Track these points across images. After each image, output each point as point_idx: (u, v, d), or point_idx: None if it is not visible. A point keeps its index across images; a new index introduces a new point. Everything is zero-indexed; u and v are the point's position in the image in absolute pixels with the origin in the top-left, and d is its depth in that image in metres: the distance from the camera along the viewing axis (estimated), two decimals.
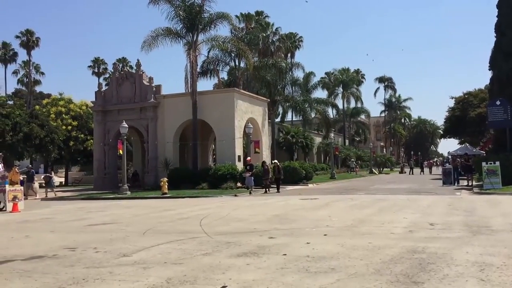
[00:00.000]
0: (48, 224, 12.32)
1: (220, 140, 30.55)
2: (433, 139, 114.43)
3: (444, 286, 4.86)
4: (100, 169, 32.87)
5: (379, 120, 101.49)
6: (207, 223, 10.91)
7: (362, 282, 5.05)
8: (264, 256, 6.65)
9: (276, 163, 26.22)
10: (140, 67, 32.71)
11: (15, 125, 31.93)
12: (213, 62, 37.62)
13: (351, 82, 72.29)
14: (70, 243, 8.41)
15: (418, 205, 14.38)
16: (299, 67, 51.43)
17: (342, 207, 14.35)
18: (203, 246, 7.65)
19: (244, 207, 15.50)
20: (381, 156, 68.32)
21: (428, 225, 9.59)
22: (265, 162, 26.70)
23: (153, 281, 5.38)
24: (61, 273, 5.98)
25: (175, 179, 27.09)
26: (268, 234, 8.76)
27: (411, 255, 6.49)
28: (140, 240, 8.65)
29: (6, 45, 66.25)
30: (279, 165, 25.91)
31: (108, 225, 11.41)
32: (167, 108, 31.57)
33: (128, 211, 15.20)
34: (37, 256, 7.26)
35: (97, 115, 33.28)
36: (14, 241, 9.10)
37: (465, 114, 42.39)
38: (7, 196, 16.66)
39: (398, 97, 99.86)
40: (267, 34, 45.38)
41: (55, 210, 16.79)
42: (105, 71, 72.03)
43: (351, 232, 8.91)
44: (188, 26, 30.36)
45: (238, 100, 31.06)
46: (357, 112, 76.83)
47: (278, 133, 47.96)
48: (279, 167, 25.57)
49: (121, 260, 6.71)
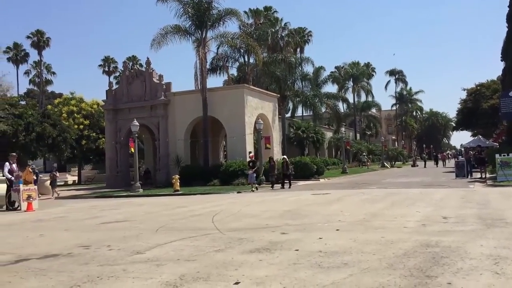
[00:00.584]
0: (62, 222, 12.45)
1: (230, 137, 30.60)
2: (445, 131, 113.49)
3: (458, 279, 4.82)
4: (112, 167, 33.13)
5: (390, 113, 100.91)
6: (219, 219, 10.94)
7: (375, 277, 5.03)
8: (277, 252, 6.66)
9: (284, 158, 25.76)
10: (150, 65, 32.85)
11: (27, 125, 32.26)
12: (223, 59, 37.65)
13: (362, 76, 71.97)
14: (84, 241, 8.49)
15: (431, 199, 14.28)
16: (308, 62, 51.27)
17: (354, 202, 14.30)
18: (215, 243, 7.67)
19: (256, 203, 15.52)
20: (393, 150, 68.00)
21: (441, 218, 9.51)
22: (271, 158, 26.34)
23: (166, 278, 5.41)
24: (76, 271, 6.04)
25: (186, 176, 27.22)
26: (280, 230, 8.76)
27: (424, 249, 6.44)
28: (153, 237, 8.70)
29: (18, 46, 66.92)
30: (287, 160, 25.35)
31: (121, 223, 11.49)
32: (178, 105, 31.68)
33: (141, 209, 15.30)
34: (52, 254, 7.34)
35: (108, 113, 33.51)
36: (29, 240, 9.21)
37: (477, 105, 41.98)
38: (21, 195, 16.85)
39: (409, 90, 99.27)
40: (276, 30, 45.25)
41: (69, 209, 16.96)
42: (115, 70, 72.50)
43: (363, 226, 8.88)
44: (196, 23, 30.40)
45: (248, 96, 31.06)
46: (368, 106, 76.46)
47: (289, 128, 47.91)
48: (287, 163, 25.06)
49: (134, 258, 6.76)
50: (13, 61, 66.65)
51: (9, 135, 30.01)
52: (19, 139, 31.24)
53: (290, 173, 24.84)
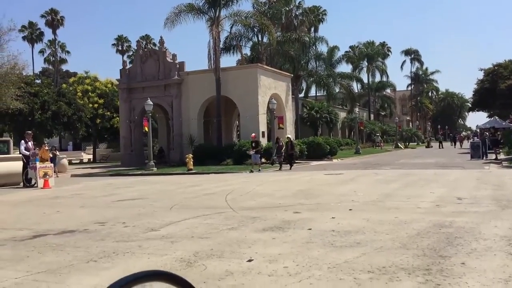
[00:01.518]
0: (78, 199, 12.64)
1: (244, 116, 30.58)
2: (461, 112, 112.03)
3: (472, 260, 4.82)
4: (127, 146, 33.41)
5: (405, 94, 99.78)
6: (233, 198, 11.02)
7: (388, 256, 5.05)
8: (290, 231, 6.70)
9: (289, 138, 25.31)
10: (163, 44, 32.78)
11: (43, 103, 32.57)
12: (236, 38, 37.37)
13: (376, 56, 71.03)
14: (100, 218, 8.62)
15: (446, 180, 14.19)
16: (323, 41, 50.75)
17: (367, 182, 14.27)
18: (229, 221, 7.74)
19: (269, 182, 15.57)
20: (407, 130, 67.41)
21: (456, 199, 9.46)
22: (279, 138, 25.89)
23: (180, 255, 5.49)
24: (92, 247, 6.16)
25: (200, 155, 27.35)
26: (293, 209, 8.79)
27: (438, 229, 6.43)
28: (167, 215, 8.80)
29: (32, 25, 67.07)
30: (292, 140, 25.01)
31: (136, 200, 11.63)
32: (191, 85, 31.66)
33: (155, 187, 15.46)
34: (68, 230, 7.48)
35: (122, 92, 33.65)
36: (46, 217, 9.38)
37: (494, 86, 41.21)
38: (38, 173, 17.11)
39: (425, 70, 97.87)
40: (290, 8, 44.65)
41: (85, 186, 17.20)
42: (129, 49, 72.43)
43: (376, 206, 8.88)
44: (210, 2, 30.16)
45: (262, 75, 30.89)
46: (382, 86, 75.61)
47: (302, 108, 47.70)
48: (292, 143, 24.77)
49: (149, 235, 6.86)
50: (28, 40, 66.85)
51: (25, 113, 30.35)
52: (35, 117, 31.60)
53: (294, 154, 24.48)
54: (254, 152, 23.02)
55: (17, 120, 31.31)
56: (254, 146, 23.59)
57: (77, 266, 5.23)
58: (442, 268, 4.55)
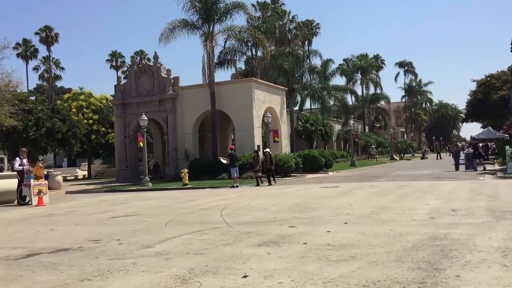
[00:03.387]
0: (72, 217, 12.57)
1: (239, 130, 30.62)
2: (455, 123, 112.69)
3: (467, 272, 4.82)
4: (122, 161, 33.32)
5: (400, 105, 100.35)
6: (228, 213, 10.99)
7: (383, 270, 5.05)
8: (285, 245, 6.69)
9: (267, 151, 23.35)
10: (157, 60, 32.92)
11: (38, 120, 32.52)
12: (230, 52, 37.58)
13: (370, 68, 71.56)
14: (95, 236, 8.57)
15: (440, 191, 14.23)
16: (316, 55, 51.17)
17: (363, 195, 14.28)
18: (224, 236, 7.72)
19: (264, 196, 15.55)
20: (402, 142, 67.63)
21: (450, 211, 9.49)
22: (256, 150, 24.38)
23: (175, 272, 5.46)
24: (87, 265, 6.12)
25: (195, 170, 27.31)
26: (288, 223, 8.79)
27: (432, 241, 6.44)
28: (162, 231, 8.77)
29: (27, 42, 67.28)
30: (270, 153, 23.28)
31: (130, 217, 11.58)
32: (186, 99, 31.74)
33: (150, 203, 15.40)
34: (62, 248, 7.42)
35: (117, 108, 33.65)
36: (40, 235, 9.32)
37: (487, 97, 41.63)
38: (32, 190, 17.02)
39: (419, 82, 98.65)
40: (283, 22, 45.07)
41: (79, 203, 17.11)
42: (123, 64, 72.72)
43: (372, 219, 8.88)
44: (204, 17, 30.36)
45: (256, 89, 31.03)
46: (376, 98, 76.07)
47: (297, 121, 47.84)
48: (271, 156, 23.09)
49: (144, 252, 6.82)
50: (23, 57, 67.01)
51: (20, 130, 30.29)
52: (30, 134, 31.53)
53: (273, 168, 22.76)
54: (229, 165, 22.15)
55: (12, 138, 31.23)
56: (229, 158, 22.71)
57: (71, 285, 5.19)
58: (437, 281, 4.55)
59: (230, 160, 22.86)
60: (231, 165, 22.48)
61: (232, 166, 22.35)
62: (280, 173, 26.67)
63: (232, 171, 22.25)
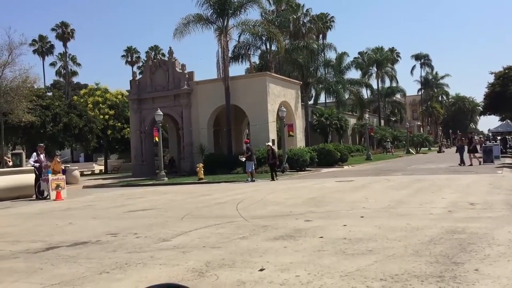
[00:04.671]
0: (90, 211, 12.72)
1: (253, 125, 30.62)
2: (472, 116, 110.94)
3: (485, 266, 4.77)
4: (138, 156, 33.58)
5: (416, 98, 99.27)
6: (244, 207, 11.02)
7: (400, 263, 5.01)
8: (301, 239, 6.68)
9: (269, 145, 23.10)
10: (172, 55, 33.02)
11: (55, 116, 32.91)
12: (244, 47, 37.56)
13: (386, 61, 70.75)
14: (112, 229, 8.67)
15: (458, 185, 14.07)
16: (331, 48, 50.75)
17: (379, 189, 14.20)
18: (240, 230, 7.74)
19: (280, 190, 15.55)
20: (418, 136, 66.96)
21: (468, 204, 9.38)
22: (248, 142, 23.96)
23: (192, 265, 5.49)
24: (105, 258, 6.19)
25: (210, 164, 27.39)
26: (304, 217, 8.77)
27: (450, 235, 6.38)
28: (178, 225, 8.82)
29: (43, 38, 67.90)
30: (273, 148, 22.94)
31: (147, 211, 11.68)
32: (200, 94, 31.81)
33: (166, 197, 15.51)
34: (81, 242, 7.52)
35: (132, 103, 33.89)
36: (58, 228, 9.45)
37: (505, 89, 40.91)
38: (50, 185, 17.26)
39: (435, 75, 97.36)
40: (298, 16, 44.81)
41: (96, 198, 17.31)
42: (138, 60, 73.01)
43: (388, 213, 8.82)
44: (218, 12, 30.35)
45: (271, 83, 30.97)
46: (392, 92, 75.36)
47: (312, 115, 47.68)
48: (274, 151, 22.77)
49: (161, 245, 6.88)
50: (39, 53, 67.65)
51: (37, 126, 30.68)
52: (47, 130, 31.92)
53: (276, 163, 22.45)
54: (246, 159, 21.71)
55: (29, 133, 31.66)
56: (246, 152, 22.28)
57: (90, 277, 5.26)
58: (456, 275, 4.51)
59: (250, 154, 22.19)
60: (248, 158, 21.99)
61: (249, 159, 21.90)
62: (295, 167, 26.65)
63: (249, 165, 21.74)
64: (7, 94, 24.88)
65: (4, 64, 24.88)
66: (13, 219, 11.86)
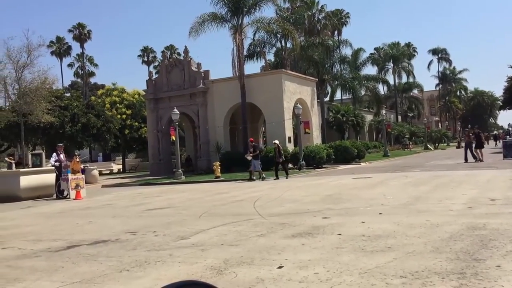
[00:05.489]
0: (109, 210, 12.87)
1: (269, 122, 30.59)
2: (491, 111, 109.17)
3: (508, 262, 4.69)
4: (155, 155, 33.82)
5: (433, 94, 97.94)
6: (261, 205, 11.03)
7: (420, 260, 4.97)
8: (319, 236, 6.66)
9: (276, 143, 22.32)
10: (188, 54, 33.15)
11: (73, 116, 33.37)
12: (259, 44, 37.49)
13: (402, 56, 70.05)
14: (131, 228, 8.75)
15: (477, 181, 13.86)
16: (346, 44, 50.43)
17: (397, 185, 14.07)
18: (257, 228, 7.75)
19: (296, 188, 15.52)
20: (436, 131, 66.14)
21: (489, 200, 9.24)
22: (252, 140, 23.27)
23: (211, 263, 5.52)
24: (125, 256, 6.26)
25: (227, 162, 27.44)
26: (321, 214, 8.75)
27: (471, 232, 6.29)
28: (196, 223, 8.87)
29: (60, 40, 68.74)
30: (279, 145, 22.22)
31: (165, 209, 11.77)
32: (216, 92, 31.89)
33: (184, 195, 15.60)
34: (101, 240, 7.61)
35: (149, 103, 34.12)
36: (79, 227, 9.58)
37: None
38: (70, 184, 17.49)
39: (453, 69, 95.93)
40: (312, 13, 44.56)
41: (115, 196, 17.49)
42: (154, 60, 73.50)
43: (407, 210, 8.74)
44: (233, 10, 30.35)
45: (286, 81, 30.90)
46: (409, 87, 74.55)
47: (328, 112, 47.45)
48: (280, 149, 22.04)
49: (179, 243, 6.93)
50: (57, 55, 68.50)
51: (56, 126, 31.15)
52: (66, 130, 32.39)
53: (282, 161, 21.77)
54: (252, 157, 21.13)
55: (49, 133, 32.16)
56: (252, 151, 21.65)
57: (110, 275, 5.32)
58: (477, 271, 4.45)
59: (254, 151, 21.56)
60: (255, 157, 21.36)
61: (256, 158, 21.33)
62: (312, 164, 26.58)
63: (257, 163, 21.22)
64: (27, 95, 25.32)
65: (23, 66, 25.31)
66: (34, 218, 12.06)
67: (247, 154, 21.77)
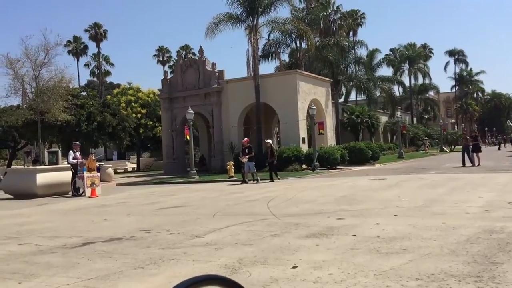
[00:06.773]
0: (124, 208, 12.97)
1: (283, 123, 30.57)
2: (509, 113, 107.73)
3: None
4: (169, 154, 34.01)
5: (450, 96, 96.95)
6: (275, 205, 11.01)
7: (436, 263, 4.92)
8: (333, 237, 6.63)
9: (268, 143, 21.79)
10: (202, 54, 33.28)
11: (89, 114, 33.75)
12: (274, 45, 37.46)
13: (418, 58, 69.37)
14: (145, 226, 8.81)
15: (495, 183, 13.67)
16: (362, 45, 50.15)
17: (412, 187, 13.95)
18: (271, 228, 7.74)
19: (310, 188, 15.48)
20: (453, 134, 65.41)
21: (506, 204, 9.11)
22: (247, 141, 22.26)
23: (225, 261, 5.53)
24: (139, 253, 6.30)
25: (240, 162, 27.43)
26: (336, 215, 8.70)
27: (488, 235, 6.21)
28: (210, 222, 8.89)
29: (77, 39, 69.54)
30: (272, 145, 21.66)
31: (179, 208, 11.82)
32: (231, 92, 31.95)
33: (197, 194, 15.65)
34: (116, 238, 7.67)
35: (164, 102, 34.33)
36: (94, 224, 9.67)
37: None
38: (85, 182, 17.66)
39: (470, 71, 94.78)
40: (328, 13, 44.42)
41: (130, 195, 17.62)
42: (169, 59, 73.98)
43: (422, 212, 8.66)
44: (248, 10, 30.39)
45: (301, 81, 30.84)
46: (425, 89, 73.88)
47: (342, 113, 47.24)
48: (272, 149, 21.52)
49: (193, 242, 6.95)
50: (73, 54, 69.29)
51: (73, 124, 31.52)
52: (82, 128, 32.77)
53: (274, 162, 21.18)
54: (248, 159, 20.31)
55: (65, 132, 32.55)
56: (247, 152, 20.75)
57: (125, 272, 5.36)
58: (494, 275, 4.39)
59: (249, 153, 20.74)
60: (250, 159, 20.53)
61: (251, 159, 20.52)
62: (326, 165, 26.48)
63: (251, 165, 20.34)
64: (44, 93, 25.67)
65: (41, 64, 25.68)
66: (50, 215, 12.21)
67: (241, 157, 20.96)
